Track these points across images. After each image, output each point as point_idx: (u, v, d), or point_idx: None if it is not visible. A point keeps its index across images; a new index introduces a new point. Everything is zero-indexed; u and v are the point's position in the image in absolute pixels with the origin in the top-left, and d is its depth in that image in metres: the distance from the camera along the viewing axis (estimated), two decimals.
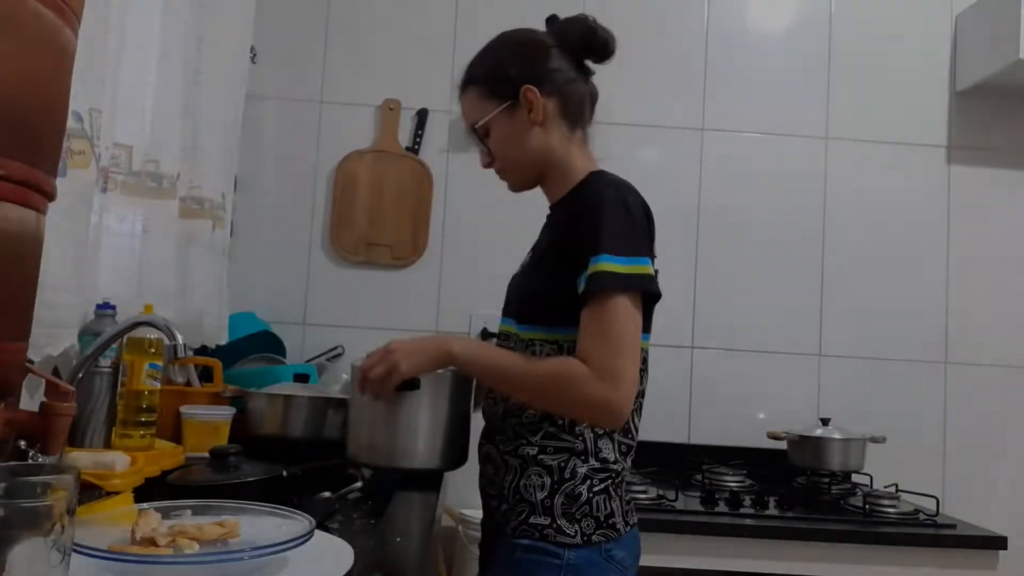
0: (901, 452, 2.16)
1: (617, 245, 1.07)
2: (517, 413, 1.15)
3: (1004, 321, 2.28)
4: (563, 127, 1.22)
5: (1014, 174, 2.33)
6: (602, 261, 1.06)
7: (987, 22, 2.20)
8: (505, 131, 1.20)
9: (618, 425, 1.10)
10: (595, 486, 1.11)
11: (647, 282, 1.10)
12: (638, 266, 1.08)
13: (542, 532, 1.09)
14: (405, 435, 1.20)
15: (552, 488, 1.10)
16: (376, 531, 0.96)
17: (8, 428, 0.68)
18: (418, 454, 1.21)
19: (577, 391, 1.04)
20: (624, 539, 1.13)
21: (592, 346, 1.05)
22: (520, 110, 1.19)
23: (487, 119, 1.20)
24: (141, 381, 1.25)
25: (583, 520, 1.10)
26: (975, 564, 1.69)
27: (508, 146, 1.21)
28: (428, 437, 1.21)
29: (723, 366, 2.25)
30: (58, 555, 0.50)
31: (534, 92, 1.18)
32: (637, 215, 1.13)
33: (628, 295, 1.07)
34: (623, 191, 1.15)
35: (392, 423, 1.20)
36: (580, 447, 1.12)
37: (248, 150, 2.13)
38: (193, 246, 1.69)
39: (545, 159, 1.21)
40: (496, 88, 1.20)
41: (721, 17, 2.33)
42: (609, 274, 1.05)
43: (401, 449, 1.20)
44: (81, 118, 1.14)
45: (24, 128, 0.67)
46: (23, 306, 0.73)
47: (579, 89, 1.24)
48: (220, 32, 1.72)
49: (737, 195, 2.29)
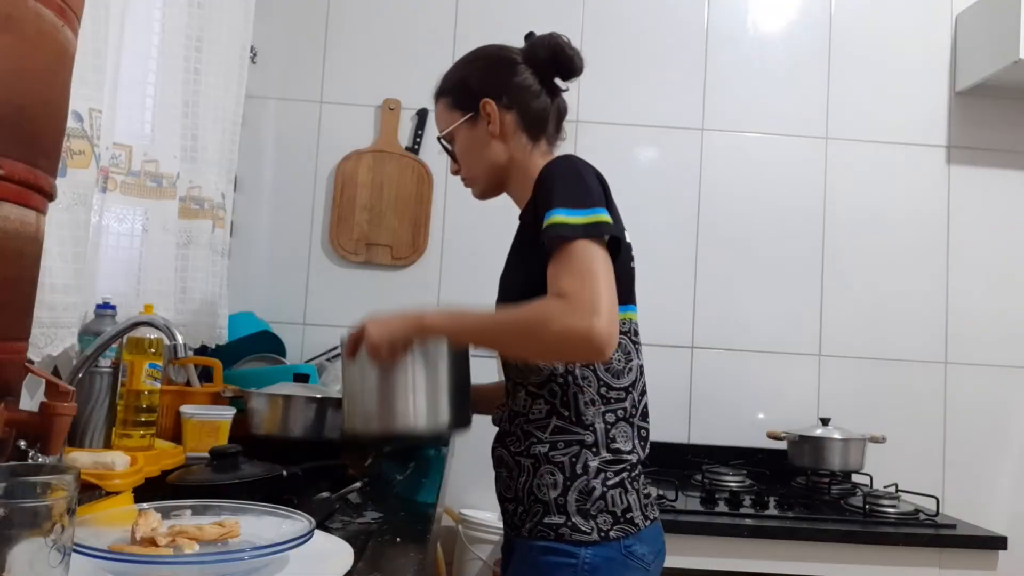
0: (901, 452, 2.17)
1: (569, 200, 1.07)
2: (523, 412, 1.15)
3: (1004, 321, 2.28)
4: (523, 138, 1.24)
5: (1014, 174, 2.33)
6: (555, 215, 1.05)
7: (987, 22, 2.20)
8: (466, 142, 1.26)
9: (604, 357, 1.02)
10: (609, 479, 1.10)
11: (607, 228, 1.06)
12: (594, 216, 1.06)
13: (557, 532, 1.08)
14: (403, 395, 1.12)
15: (565, 485, 1.09)
16: (376, 531, 0.96)
17: (8, 428, 0.68)
18: (419, 415, 1.13)
19: (556, 325, 0.99)
20: (644, 533, 1.11)
21: (564, 281, 1.02)
22: (480, 122, 1.24)
23: (450, 129, 1.26)
24: (141, 381, 1.25)
25: (599, 516, 1.08)
26: (975, 564, 1.69)
27: (469, 156, 1.26)
28: (428, 395, 1.13)
29: (723, 366, 2.25)
30: (58, 555, 0.50)
31: (492, 105, 1.22)
32: (588, 174, 1.12)
33: (591, 240, 1.04)
34: (572, 159, 1.16)
35: (388, 385, 1.12)
36: (591, 439, 1.11)
37: (248, 150, 2.14)
38: (193, 246, 1.69)
39: (505, 169, 1.25)
40: (460, 100, 1.25)
41: (721, 17, 2.33)
42: (565, 224, 1.04)
43: (401, 411, 1.13)
44: (81, 118, 1.14)
45: (24, 128, 0.67)
46: (23, 306, 0.73)
47: (542, 103, 1.25)
48: (220, 32, 1.72)
49: (737, 195, 2.29)
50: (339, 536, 0.86)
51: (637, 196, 2.28)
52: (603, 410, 1.12)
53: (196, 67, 1.65)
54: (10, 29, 0.64)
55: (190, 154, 1.66)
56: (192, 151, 1.66)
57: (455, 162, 1.29)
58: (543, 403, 1.13)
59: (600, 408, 1.12)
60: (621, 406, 1.13)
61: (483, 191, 1.29)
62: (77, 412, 0.73)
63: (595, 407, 1.12)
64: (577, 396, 1.12)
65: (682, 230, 2.28)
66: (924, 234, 2.30)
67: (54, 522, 0.49)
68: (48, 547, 0.49)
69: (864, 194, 2.30)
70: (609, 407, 1.12)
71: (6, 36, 0.64)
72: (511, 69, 1.25)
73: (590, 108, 2.28)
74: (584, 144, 2.27)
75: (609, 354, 1.01)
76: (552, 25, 2.26)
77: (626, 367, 1.15)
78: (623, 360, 1.15)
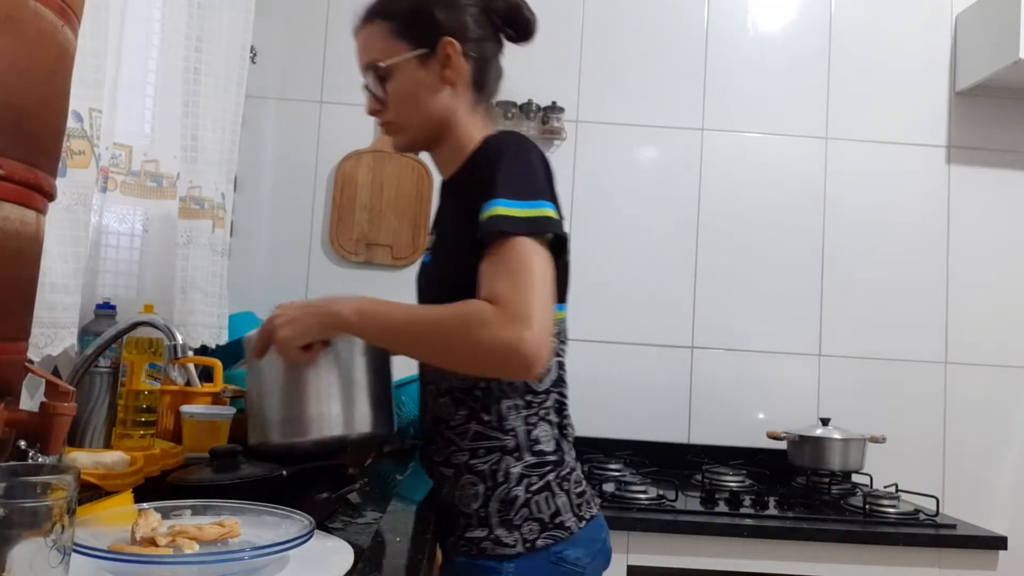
0: (901, 452, 2.17)
1: (513, 190, 0.96)
2: (445, 418, 1.06)
3: (1004, 321, 2.28)
4: (471, 96, 1.10)
5: (1014, 174, 2.33)
6: (497, 206, 0.95)
7: (987, 22, 2.20)
8: (410, 82, 1.06)
9: (532, 375, 0.93)
10: (534, 484, 1.02)
11: (552, 225, 0.97)
12: (539, 209, 0.96)
13: (479, 547, 1.00)
14: (317, 400, 1.00)
15: (486, 495, 1.01)
16: (376, 531, 0.96)
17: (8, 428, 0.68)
18: (334, 422, 1.01)
19: (483, 333, 0.90)
20: (580, 536, 1.03)
21: (497, 284, 0.92)
22: (434, 63, 1.06)
23: (392, 61, 1.06)
24: (141, 381, 1.25)
25: (524, 525, 1.00)
26: (975, 564, 1.69)
27: (408, 100, 1.07)
28: (344, 400, 1.01)
29: (723, 366, 2.25)
30: (58, 555, 0.50)
31: (455, 47, 1.05)
32: (536, 161, 1.01)
33: (533, 238, 0.95)
34: (520, 139, 1.03)
35: (299, 389, 1.00)
36: (512, 444, 1.02)
37: (248, 150, 2.13)
38: (193, 246, 1.69)
39: (445, 124, 1.09)
40: (413, 29, 1.06)
41: (721, 17, 2.33)
42: (506, 217, 0.94)
43: (315, 418, 1.00)
44: (81, 118, 1.14)
45: (24, 128, 0.67)
46: (23, 306, 0.73)
47: (497, 61, 1.12)
48: (220, 32, 1.72)
49: (737, 195, 2.29)
50: (339, 536, 0.86)
51: (637, 196, 2.28)
52: (525, 413, 1.04)
53: (196, 67, 1.65)
54: (10, 29, 0.64)
55: (190, 154, 1.66)
56: (192, 151, 1.66)
57: (379, 102, 1.09)
58: (464, 408, 1.04)
59: (522, 412, 1.04)
60: (543, 407, 1.06)
61: (410, 143, 1.13)
62: (77, 412, 0.73)
63: (517, 411, 1.04)
64: (501, 400, 1.03)
65: (682, 230, 2.28)
66: (924, 234, 2.30)
67: (54, 522, 0.49)
68: (48, 547, 0.49)
69: (864, 194, 2.30)
70: (531, 410, 1.05)
71: (6, 36, 0.64)
72: (475, 13, 1.09)
73: (590, 108, 2.28)
74: (584, 144, 2.28)
75: (537, 372, 0.93)
76: (552, 25, 2.27)
77: (549, 367, 1.07)
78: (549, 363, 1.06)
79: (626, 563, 1.64)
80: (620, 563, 1.63)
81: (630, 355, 2.23)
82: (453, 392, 1.06)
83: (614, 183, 2.28)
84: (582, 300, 2.25)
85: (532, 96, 2.21)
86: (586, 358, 2.22)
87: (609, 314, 2.24)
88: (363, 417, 1.03)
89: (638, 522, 1.64)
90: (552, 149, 2.27)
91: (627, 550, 1.64)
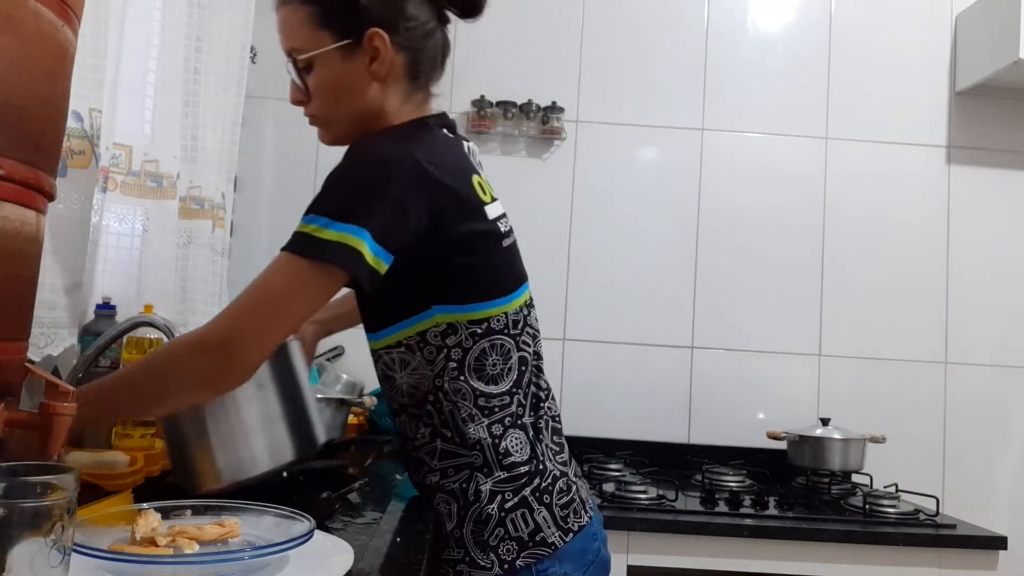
0: (901, 452, 2.16)
1: (332, 206, 0.87)
2: (410, 437, 1.02)
3: (1004, 321, 2.28)
4: (404, 87, 1.00)
5: (1014, 174, 2.33)
6: (304, 222, 0.88)
7: (987, 22, 2.20)
8: (333, 75, 0.98)
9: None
10: (508, 501, 0.96)
11: (345, 256, 0.86)
12: (341, 234, 0.86)
13: (455, 569, 0.96)
14: (239, 443, 0.96)
15: (460, 515, 0.96)
16: (376, 531, 0.96)
17: (8, 428, 0.68)
18: (261, 459, 0.97)
19: (183, 365, 0.85)
20: (566, 550, 0.97)
21: (233, 303, 0.89)
22: (360, 55, 0.97)
23: (313, 54, 0.96)
24: None
25: (501, 545, 0.95)
26: (975, 564, 1.69)
27: (332, 94, 0.99)
28: (266, 434, 0.98)
29: (723, 366, 2.25)
30: (58, 555, 0.50)
31: (383, 39, 0.96)
32: (365, 175, 0.89)
33: (309, 260, 0.87)
34: (388, 143, 0.93)
35: (218, 436, 0.96)
36: (479, 460, 0.97)
37: (248, 150, 2.13)
38: (193, 246, 1.69)
39: (375, 119, 1.00)
40: (336, 17, 0.96)
41: (721, 17, 2.33)
42: (302, 235, 0.87)
43: (245, 458, 0.96)
44: (81, 118, 1.14)
45: (24, 128, 0.67)
46: (23, 306, 0.73)
47: (435, 44, 1.03)
48: (220, 32, 1.72)
49: (737, 195, 2.29)
50: (339, 536, 0.85)
51: (637, 196, 2.28)
52: (486, 423, 0.98)
53: (196, 67, 1.65)
54: (10, 29, 0.64)
55: (190, 154, 1.66)
56: (192, 151, 1.66)
57: (302, 93, 1.00)
58: (424, 426, 1.00)
59: (482, 421, 0.98)
60: (507, 412, 0.99)
61: (336, 139, 1.03)
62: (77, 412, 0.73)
63: (475, 422, 0.97)
64: (453, 413, 0.98)
65: (682, 230, 2.28)
66: (924, 234, 2.30)
67: (54, 522, 0.49)
68: (48, 547, 0.49)
69: (864, 194, 2.30)
70: (493, 417, 0.98)
71: (6, 36, 0.64)
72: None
73: (590, 108, 2.27)
74: (584, 144, 2.28)
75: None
76: (551, 25, 2.27)
77: (504, 368, 0.99)
78: (500, 362, 0.99)
79: (626, 563, 1.64)
80: (620, 563, 1.63)
81: (630, 355, 2.23)
82: (407, 409, 1.02)
83: (614, 183, 2.28)
84: (582, 300, 2.26)
85: (532, 96, 2.21)
86: (586, 358, 2.22)
87: (609, 314, 2.24)
88: (286, 448, 1.00)
89: (638, 522, 1.64)
90: (552, 149, 2.27)
91: (627, 550, 1.64)
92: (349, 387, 1.83)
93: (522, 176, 2.26)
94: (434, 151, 0.96)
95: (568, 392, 2.19)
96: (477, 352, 0.98)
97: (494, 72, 2.21)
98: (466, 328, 0.97)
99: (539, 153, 2.27)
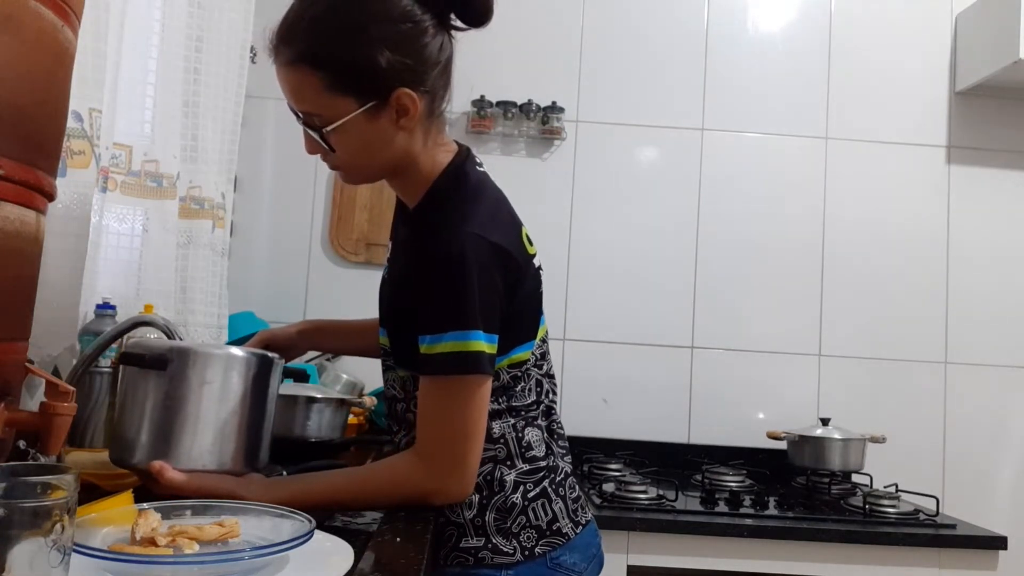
0: (901, 452, 2.16)
1: (438, 316, 0.91)
2: None
3: (1004, 321, 2.28)
4: (425, 123, 0.99)
5: (1014, 174, 2.33)
6: (425, 343, 0.92)
7: (987, 22, 2.20)
8: (360, 136, 0.94)
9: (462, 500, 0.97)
10: (530, 491, 1.01)
11: (484, 362, 0.92)
12: (466, 343, 0.91)
13: (476, 556, 0.99)
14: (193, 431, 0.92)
15: (482, 504, 1.00)
16: (376, 531, 0.96)
17: (8, 428, 0.68)
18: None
19: (409, 489, 0.94)
20: (576, 541, 1.03)
21: (429, 432, 0.94)
22: (387, 111, 0.94)
23: (337, 124, 0.93)
24: None
25: (522, 533, 1.00)
26: (975, 564, 1.69)
27: (360, 152, 0.97)
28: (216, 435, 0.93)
29: (723, 366, 2.25)
30: (58, 555, 0.50)
31: (412, 97, 0.93)
32: (474, 276, 0.91)
33: (468, 376, 0.92)
34: (466, 244, 0.92)
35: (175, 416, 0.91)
36: (503, 453, 1.01)
37: (248, 150, 2.13)
38: (193, 246, 1.69)
39: (403, 162, 1.00)
40: (355, 82, 0.92)
41: (721, 17, 2.33)
42: (436, 355, 0.91)
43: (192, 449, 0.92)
44: (81, 118, 1.14)
45: (24, 128, 0.67)
46: (23, 306, 0.73)
47: (448, 74, 1.00)
48: (220, 32, 1.72)
49: (737, 195, 2.29)
50: (339, 536, 0.85)
51: (637, 196, 2.28)
52: (512, 421, 1.03)
53: (196, 67, 1.65)
54: (10, 29, 0.64)
55: (190, 154, 1.66)
56: (192, 151, 1.66)
57: (320, 147, 0.97)
58: None
59: (509, 420, 1.03)
60: (529, 414, 1.05)
61: (363, 181, 1.05)
62: (77, 412, 0.73)
63: (501, 419, 1.03)
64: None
65: (682, 230, 2.28)
66: (924, 234, 2.30)
67: (54, 522, 0.49)
68: (48, 547, 0.49)
69: (864, 194, 2.30)
70: (517, 417, 1.04)
71: (6, 36, 0.64)
72: (420, 33, 0.93)
73: (590, 108, 2.27)
74: (584, 144, 2.28)
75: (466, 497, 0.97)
76: (551, 25, 2.27)
77: (526, 388, 1.05)
78: (525, 388, 1.05)
79: (626, 563, 1.64)
80: (620, 563, 1.63)
81: (630, 355, 2.23)
82: None
83: (614, 183, 2.28)
84: (582, 300, 2.25)
85: (532, 96, 2.21)
86: (586, 358, 2.22)
87: (609, 314, 2.24)
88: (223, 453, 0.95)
89: (638, 522, 1.64)
90: (552, 149, 2.27)
91: (627, 550, 1.64)
92: (349, 387, 1.83)
93: (522, 176, 2.26)
94: (496, 219, 0.99)
95: (568, 392, 2.19)
96: (513, 386, 1.03)
97: (494, 72, 2.21)
98: (507, 372, 1.03)
99: (539, 153, 2.27)
